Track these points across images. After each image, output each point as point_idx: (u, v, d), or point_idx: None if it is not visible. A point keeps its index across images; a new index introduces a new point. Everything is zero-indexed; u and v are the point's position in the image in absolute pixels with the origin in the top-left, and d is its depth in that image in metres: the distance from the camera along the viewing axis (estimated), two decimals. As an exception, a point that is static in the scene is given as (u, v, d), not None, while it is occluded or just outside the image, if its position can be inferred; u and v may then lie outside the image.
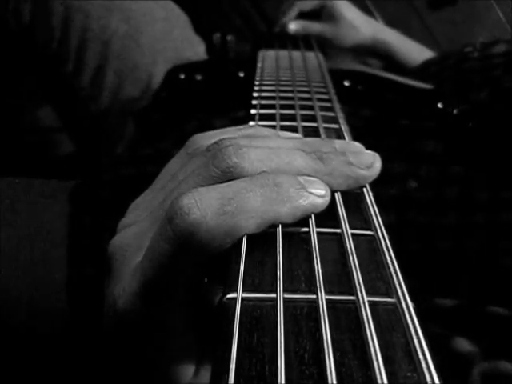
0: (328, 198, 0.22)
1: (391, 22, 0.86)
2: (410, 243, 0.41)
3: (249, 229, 0.20)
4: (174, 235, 0.20)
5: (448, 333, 0.31)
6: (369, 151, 0.25)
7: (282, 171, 0.22)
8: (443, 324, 0.31)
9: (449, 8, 1.20)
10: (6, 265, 0.47)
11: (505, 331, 0.32)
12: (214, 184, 0.21)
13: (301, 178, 0.21)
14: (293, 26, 0.79)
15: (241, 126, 0.27)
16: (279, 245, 0.20)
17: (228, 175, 0.22)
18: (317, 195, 0.21)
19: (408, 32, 0.84)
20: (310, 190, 0.21)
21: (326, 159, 0.23)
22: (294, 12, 0.81)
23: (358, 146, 0.25)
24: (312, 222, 0.21)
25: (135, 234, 0.23)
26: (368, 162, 0.24)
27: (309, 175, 0.22)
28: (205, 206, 0.19)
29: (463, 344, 0.30)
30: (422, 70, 0.72)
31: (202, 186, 0.22)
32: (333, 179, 0.23)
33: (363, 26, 0.79)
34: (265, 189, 0.20)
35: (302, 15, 0.81)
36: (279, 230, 0.20)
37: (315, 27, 0.79)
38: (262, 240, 0.20)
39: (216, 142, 0.23)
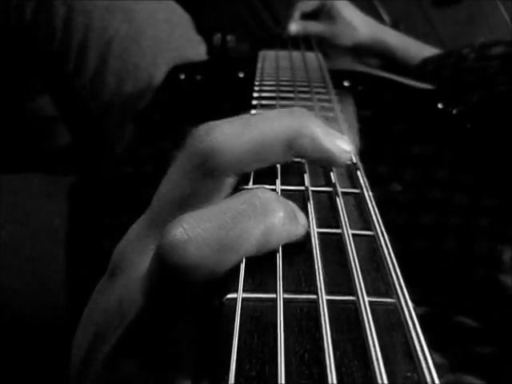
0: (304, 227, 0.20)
1: (396, 20, 0.87)
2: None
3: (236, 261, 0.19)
4: (163, 274, 0.18)
5: None
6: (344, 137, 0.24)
7: (262, 145, 0.21)
8: None
9: (454, 7, 1.20)
10: (7, 261, 0.47)
11: (470, 344, 0.31)
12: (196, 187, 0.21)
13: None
14: (293, 27, 0.79)
15: None
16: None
17: (204, 170, 0.21)
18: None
19: (413, 29, 0.84)
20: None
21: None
22: (296, 13, 0.81)
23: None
24: (312, 222, 0.21)
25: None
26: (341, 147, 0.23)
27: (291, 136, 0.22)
28: (199, 242, 0.18)
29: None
30: (420, 69, 0.72)
31: (186, 194, 0.21)
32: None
33: (362, 26, 0.80)
34: (261, 218, 0.18)
35: (304, 16, 0.82)
36: None
37: (314, 27, 0.79)
38: None
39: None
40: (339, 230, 0.21)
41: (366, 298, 0.17)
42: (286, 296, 0.17)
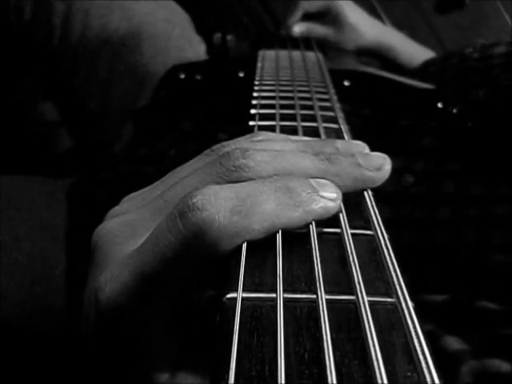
0: (339, 202, 0.22)
1: (398, 25, 0.86)
2: (406, 238, 0.41)
3: (259, 232, 0.20)
4: (183, 230, 0.19)
5: (438, 331, 0.30)
6: (378, 153, 0.24)
7: (289, 173, 0.22)
8: (434, 321, 0.31)
9: (456, 12, 1.19)
10: (5, 260, 0.47)
11: (495, 327, 0.31)
12: (219, 183, 0.21)
13: (313, 181, 0.21)
14: (297, 29, 0.78)
15: (249, 135, 0.27)
16: (279, 244, 0.20)
17: (234, 174, 0.21)
18: (328, 199, 0.21)
19: (415, 35, 0.83)
20: (321, 193, 0.21)
21: (334, 160, 0.22)
22: (299, 12, 0.80)
23: (360, 144, 0.25)
24: (312, 221, 0.21)
25: (129, 222, 0.23)
26: (377, 164, 0.23)
27: (316, 177, 0.22)
28: (219, 203, 0.19)
29: (452, 342, 0.30)
30: (422, 70, 0.72)
31: (207, 182, 0.21)
32: (340, 181, 0.22)
33: (367, 31, 0.79)
34: (278, 193, 0.20)
35: (307, 16, 0.81)
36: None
37: (319, 30, 0.78)
38: (262, 239, 0.20)
39: (222, 145, 0.23)
40: (339, 230, 0.21)
41: (366, 298, 0.17)
42: (286, 295, 0.17)
